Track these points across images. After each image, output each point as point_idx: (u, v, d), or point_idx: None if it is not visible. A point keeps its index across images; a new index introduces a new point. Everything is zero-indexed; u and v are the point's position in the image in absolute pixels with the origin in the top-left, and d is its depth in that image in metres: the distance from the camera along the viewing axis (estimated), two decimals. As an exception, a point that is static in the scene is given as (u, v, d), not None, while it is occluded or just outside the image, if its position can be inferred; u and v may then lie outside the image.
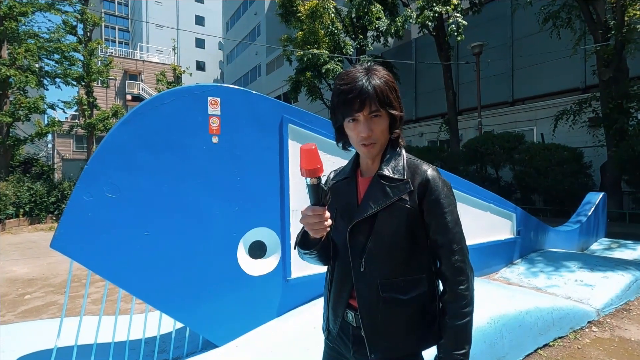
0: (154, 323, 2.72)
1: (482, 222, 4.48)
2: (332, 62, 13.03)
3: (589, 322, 3.31)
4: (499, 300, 2.81)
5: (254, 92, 2.76)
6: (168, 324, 2.79)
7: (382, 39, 14.62)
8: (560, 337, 3.00)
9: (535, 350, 2.77)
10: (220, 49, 41.74)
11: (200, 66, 41.15)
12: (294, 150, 2.93)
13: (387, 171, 0.97)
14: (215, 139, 2.56)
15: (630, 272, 4.16)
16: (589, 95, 9.79)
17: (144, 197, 2.28)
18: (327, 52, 12.79)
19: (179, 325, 2.62)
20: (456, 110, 14.03)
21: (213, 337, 2.52)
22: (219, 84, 2.65)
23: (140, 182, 2.27)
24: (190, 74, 18.08)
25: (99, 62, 14.05)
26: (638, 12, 8.12)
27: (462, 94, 15.45)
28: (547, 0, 10.47)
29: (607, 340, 3.02)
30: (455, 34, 10.88)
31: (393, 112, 0.93)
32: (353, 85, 0.90)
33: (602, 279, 3.99)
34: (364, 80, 0.90)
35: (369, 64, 0.97)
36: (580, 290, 3.79)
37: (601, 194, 6.78)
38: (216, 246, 2.53)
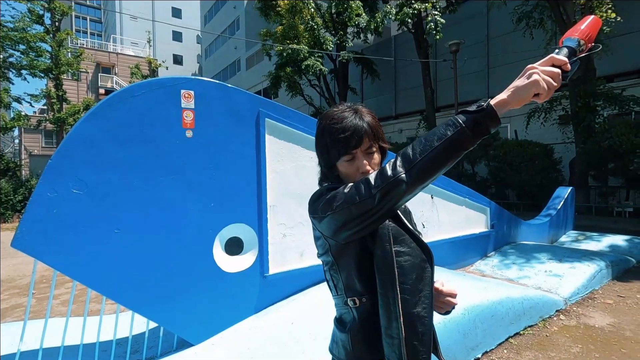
0: (126, 323, 2.63)
1: (457, 216, 4.58)
2: (312, 57, 12.97)
3: (557, 310, 3.45)
4: (473, 292, 2.89)
5: (229, 85, 2.70)
6: (141, 324, 2.72)
7: (362, 36, 14.67)
8: (530, 326, 3.11)
9: (507, 339, 2.86)
10: (198, 43, 40.76)
11: (178, 60, 40.07)
12: (271, 145, 2.89)
13: None
14: (189, 133, 2.49)
15: (595, 263, 4.36)
16: (559, 94, 10.16)
17: (113, 193, 2.20)
18: (306, 47, 12.71)
19: (153, 324, 2.56)
20: (434, 107, 14.28)
21: (188, 335, 2.47)
22: (193, 77, 2.58)
23: (109, 178, 2.18)
24: (167, 68, 17.58)
25: (69, 54, 13.42)
26: (604, 14, 8.47)
27: (440, 91, 15.74)
28: (521, 0, 10.78)
29: (574, 327, 3.16)
30: (434, 32, 11.03)
31: (384, 145, 0.96)
32: (347, 123, 0.90)
33: (569, 270, 4.17)
34: (357, 119, 0.91)
35: (350, 104, 0.97)
36: (550, 280, 3.95)
37: (570, 189, 7.07)
38: (191, 243, 2.47)
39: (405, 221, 0.91)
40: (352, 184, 0.84)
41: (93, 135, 2.14)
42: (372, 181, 0.79)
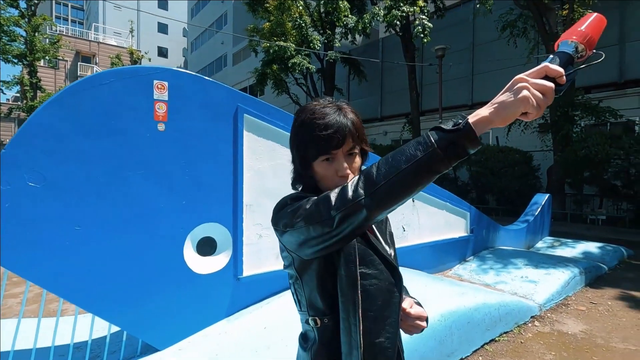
0: (86, 326, 2.47)
1: (438, 220, 4.58)
2: (299, 56, 12.86)
3: (532, 317, 3.47)
4: (450, 297, 2.86)
5: (206, 77, 2.58)
6: (102, 327, 2.56)
7: (349, 36, 14.65)
8: (505, 332, 3.11)
9: (482, 346, 2.84)
10: (184, 36, 39.93)
11: (163, 52, 39.14)
12: (249, 142, 2.78)
13: None
14: (161, 127, 2.36)
15: (569, 269, 4.43)
16: (540, 102, 10.39)
17: (75, 188, 2.05)
18: (293, 45, 12.59)
19: (115, 328, 2.41)
20: (419, 110, 14.40)
21: (153, 340, 2.34)
22: (167, 67, 2.45)
23: (70, 171, 2.03)
24: (150, 59, 17.10)
25: (46, 40, 12.86)
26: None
27: (426, 95, 15.89)
28: (506, 9, 10.97)
29: (547, 334, 3.18)
30: (422, 35, 11.11)
31: (366, 148, 0.89)
32: (330, 120, 0.81)
33: (545, 276, 4.22)
34: (340, 116, 0.83)
35: (333, 99, 0.89)
36: (525, 286, 3.98)
37: (547, 196, 7.21)
38: (159, 242, 2.34)
39: (375, 239, 0.85)
40: (315, 198, 0.76)
41: (53, 124, 1.98)
42: (332, 201, 0.70)
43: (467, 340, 2.69)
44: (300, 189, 0.91)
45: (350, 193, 0.69)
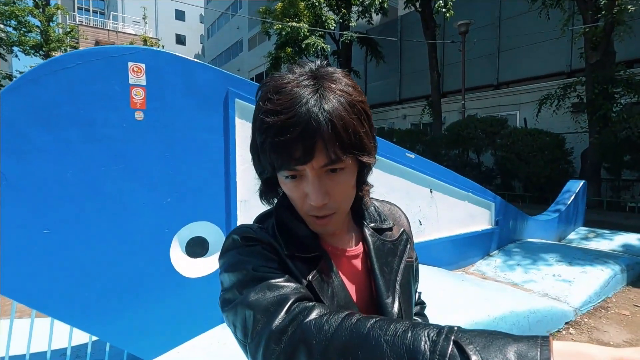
0: (65, 331, 2.30)
1: (459, 212, 4.18)
2: (313, 36, 12.34)
3: (566, 323, 3.08)
4: (472, 305, 2.52)
5: (190, 58, 2.28)
6: (83, 333, 2.39)
7: (366, 15, 13.95)
8: (535, 342, 2.75)
9: None
10: (201, 22, 39.78)
11: (181, 40, 39.24)
12: (242, 130, 2.48)
13: (376, 221, 0.69)
14: (139, 115, 2.09)
15: (609, 267, 3.97)
16: (574, 80, 9.56)
17: (40, 188, 1.82)
18: (307, 25, 12.07)
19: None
20: (440, 92, 13.68)
21: (139, 350, 2.13)
22: (144, 47, 2.16)
23: (34, 168, 1.80)
24: (163, 46, 16.97)
25: (59, 30, 12.90)
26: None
27: (447, 76, 15.07)
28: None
29: (585, 344, 2.79)
30: (444, 10, 10.36)
31: (364, 158, 0.54)
32: (291, 111, 0.48)
33: (580, 274, 3.78)
34: (311, 102, 0.49)
35: (318, 63, 0.55)
36: (559, 286, 3.56)
37: (582, 182, 6.61)
38: (141, 245, 2.10)
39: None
40: (257, 290, 0.49)
41: (9, 115, 1.74)
42: (253, 323, 0.46)
43: (491, 355, 2.35)
44: (265, 201, 0.64)
45: (270, 336, 0.44)
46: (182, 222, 2.27)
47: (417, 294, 0.82)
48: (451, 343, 0.34)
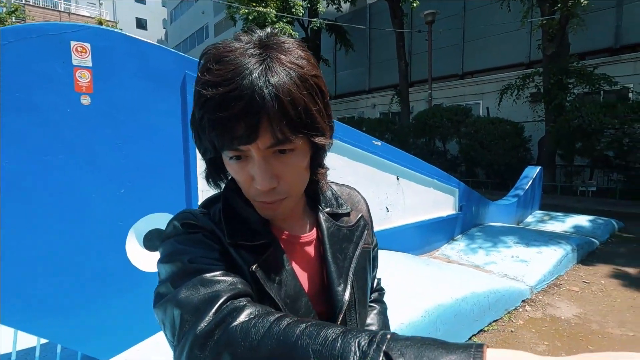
0: (9, 335, 2.14)
1: (425, 199, 4.28)
2: (281, 22, 12.07)
3: (523, 301, 3.25)
4: (436, 288, 2.59)
5: (143, 39, 2.13)
6: (31, 336, 2.23)
7: (335, 1, 13.80)
8: (495, 320, 2.88)
9: (470, 338, 2.60)
10: (164, 6, 37.80)
11: (142, 24, 37.11)
12: (202, 117, 2.37)
13: (332, 206, 0.65)
14: (85, 100, 1.93)
15: (561, 247, 4.22)
16: (533, 71, 9.99)
17: (-30, 178, 1.64)
18: (274, 11, 11.77)
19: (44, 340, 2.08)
20: (408, 81, 13.88)
21: (94, 351, 2.01)
22: (89, 25, 1.99)
23: (-38, 158, 1.62)
24: (121, 29, 15.97)
25: (2, 9, 11.77)
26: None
27: (415, 65, 15.31)
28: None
29: (539, 320, 2.96)
30: (410, -1, 10.43)
31: (318, 139, 0.49)
32: (232, 83, 0.43)
33: (536, 255, 3.99)
34: (255, 74, 0.43)
35: (269, 31, 0.49)
36: (516, 267, 3.75)
37: (538, 168, 6.97)
38: (92, 239, 1.97)
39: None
40: (189, 285, 0.44)
41: None
42: (180, 325, 0.42)
43: (454, 335, 2.44)
44: (212, 183, 0.59)
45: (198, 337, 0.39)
46: (138, 214, 2.14)
47: (376, 280, 0.80)
48: (381, 355, 0.31)
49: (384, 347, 0.32)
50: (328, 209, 0.63)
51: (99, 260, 1.99)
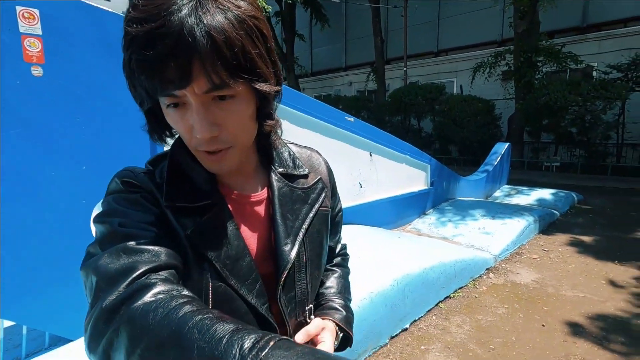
0: None
1: (397, 174, 4.36)
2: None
3: (487, 269, 3.43)
4: (405, 259, 2.68)
5: (100, 6, 1.99)
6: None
7: (310, -26, 13.33)
8: (460, 287, 3.04)
9: (437, 304, 2.75)
10: (126, -26, 35.29)
11: (103, -6, 34.59)
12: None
13: (287, 167, 0.63)
14: (37, 71, 1.81)
15: (524, 218, 4.45)
16: (504, 49, 10.16)
17: None
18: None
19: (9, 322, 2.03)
20: (384, 58, 13.81)
21: (62, 330, 1.98)
22: (36, -12, 1.84)
23: None
24: None
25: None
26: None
27: (391, 42, 15.20)
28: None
29: (501, 286, 3.15)
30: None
31: (260, 86, 0.47)
32: (159, 20, 0.40)
33: (501, 226, 4.20)
34: (185, 11, 0.40)
35: None
36: (482, 238, 3.94)
37: (507, 144, 7.22)
38: (53, 218, 1.90)
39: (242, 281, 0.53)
40: (112, 251, 0.44)
41: None
42: (95, 293, 0.41)
43: (421, 302, 2.56)
44: (157, 137, 0.56)
45: (103, 310, 0.39)
46: (102, 192, 2.07)
47: (340, 245, 0.80)
48: None
49: (262, 355, 0.31)
50: (281, 169, 0.62)
51: (63, 239, 1.93)
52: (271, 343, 0.32)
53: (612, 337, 2.38)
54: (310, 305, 0.63)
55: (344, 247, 0.83)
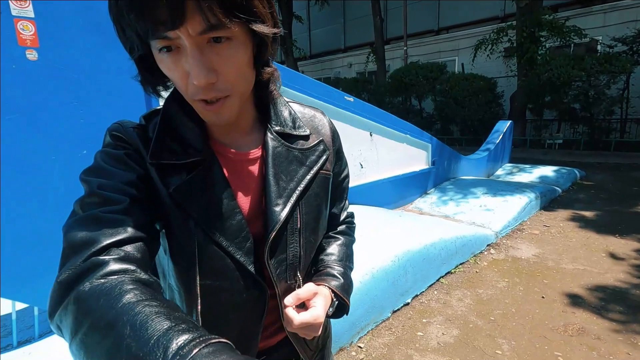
0: None
1: (398, 154, 4.35)
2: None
3: (488, 245, 3.47)
4: (406, 236, 2.71)
5: (90, -13, 1.96)
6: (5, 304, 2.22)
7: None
8: (461, 263, 3.08)
9: (438, 280, 2.79)
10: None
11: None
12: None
13: (285, 126, 0.60)
14: (31, 54, 1.80)
15: (526, 195, 4.46)
16: (507, 24, 9.93)
17: None
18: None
19: (22, 304, 2.08)
20: (384, 38, 13.55)
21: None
22: (25, -30, 1.81)
23: None
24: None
25: None
26: None
27: (390, 22, 14.89)
28: None
29: (502, 261, 3.19)
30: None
31: (257, 27, 0.44)
32: None
33: (502, 203, 4.21)
34: None
35: None
36: (483, 215, 3.96)
37: (508, 122, 7.16)
38: (56, 203, 1.93)
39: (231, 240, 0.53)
40: (84, 218, 0.45)
41: None
42: (61, 259, 0.43)
43: (423, 277, 2.60)
44: (150, 89, 0.53)
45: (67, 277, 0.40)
46: (104, 176, 2.09)
47: (345, 212, 0.78)
48: None
49: (189, 356, 0.30)
50: (278, 128, 0.59)
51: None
52: (195, 350, 0.30)
53: (611, 306, 2.42)
54: (302, 271, 0.61)
55: (351, 215, 0.81)
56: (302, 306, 0.58)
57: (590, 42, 9.50)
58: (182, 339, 0.31)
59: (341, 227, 0.76)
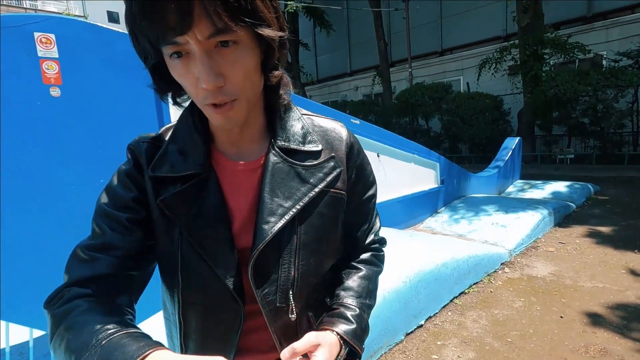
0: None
1: (406, 174, 4.38)
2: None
3: (502, 263, 3.40)
4: (417, 256, 2.69)
5: (107, 27, 2.11)
6: (23, 331, 2.26)
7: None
8: (475, 283, 3.02)
9: (452, 300, 2.74)
10: (134, -3, 36.32)
11: (114, 18, 35.54)
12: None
13: (291, 141, 0.58)
14: (55, 91, 1.92)
15: (539, 212, 4.39)
16: (510, 43, 10.08)
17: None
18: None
19: (40, 332, 2.11)
20: (388, 61, 13.86)
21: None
22: (51, 14, 1.96)
23: None
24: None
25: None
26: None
27: (395, 45, 15.24)
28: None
29: (517, 279, 3.12)
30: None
31: (263, 31, 0.46)
32: None
33: (515, 220, 4.16)
34: None
35: None
36: (496, 232, 3.90)
37: (517, 139, 7.14)
38: (76, 226, 1.99)
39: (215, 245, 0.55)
40: (84, 245, 0.56)
41: None
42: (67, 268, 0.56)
43: (435, 298, 2.56)
44: (171, 100, 0.55)
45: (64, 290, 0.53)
46: (120, 203, 2.16)
47: (371, 237, 0.70)
48: None
49: None
50: (282, 143, 0.57)
51: (84, 250, 2.02)
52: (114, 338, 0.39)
53: (633, 325, 2.33)
54: (299, 295, 0.57)
55: (379, 240, 0.73)
56: (305, 355, 0.51)
57: (595, 57, 9.55)
58: (106, 334, 0.42)
59: (365, 255, 0.69)
